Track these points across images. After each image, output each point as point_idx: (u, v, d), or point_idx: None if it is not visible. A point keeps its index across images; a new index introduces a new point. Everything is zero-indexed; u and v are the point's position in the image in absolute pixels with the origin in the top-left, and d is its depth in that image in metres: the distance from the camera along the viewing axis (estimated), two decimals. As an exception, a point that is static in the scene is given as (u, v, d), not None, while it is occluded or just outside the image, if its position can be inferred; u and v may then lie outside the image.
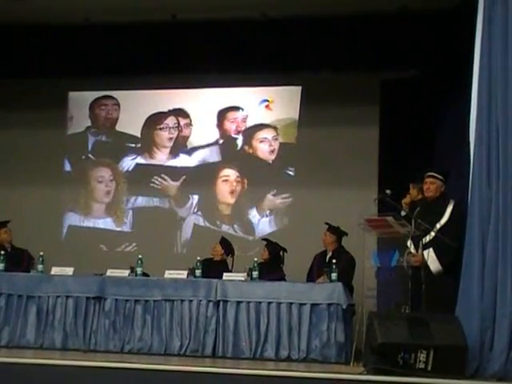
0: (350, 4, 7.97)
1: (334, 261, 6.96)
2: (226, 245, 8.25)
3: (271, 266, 7.72)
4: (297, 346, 6.58)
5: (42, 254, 7.30)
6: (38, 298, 7.02)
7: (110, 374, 5.50)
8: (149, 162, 9.85)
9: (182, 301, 6.85)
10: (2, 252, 7.39)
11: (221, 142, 9.78)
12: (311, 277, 7.56)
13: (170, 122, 9.88)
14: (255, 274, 6.95)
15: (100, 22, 8.65)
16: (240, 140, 9.73)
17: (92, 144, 10.06)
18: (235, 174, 9.63)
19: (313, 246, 7.90)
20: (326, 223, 7.75)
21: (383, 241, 6.72)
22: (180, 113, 9.86)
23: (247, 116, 9.71)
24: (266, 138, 9.65)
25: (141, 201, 9.82)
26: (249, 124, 9.71)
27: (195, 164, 9.76)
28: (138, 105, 9.94)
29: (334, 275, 6.79)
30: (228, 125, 9.77)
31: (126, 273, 7.15)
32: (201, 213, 9.67)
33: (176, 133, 9.87)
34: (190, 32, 8.63)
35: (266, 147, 9.64)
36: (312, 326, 6.60)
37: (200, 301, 6.82)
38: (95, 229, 9.83)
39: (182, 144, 9.85)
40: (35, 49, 8.99)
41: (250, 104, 9.72)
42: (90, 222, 9.85)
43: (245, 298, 6.77)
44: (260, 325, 6.68)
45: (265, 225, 9.48)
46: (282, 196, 9.47)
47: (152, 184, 9.77)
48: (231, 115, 9.77)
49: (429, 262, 6.25)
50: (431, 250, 6.27)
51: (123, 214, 9.79)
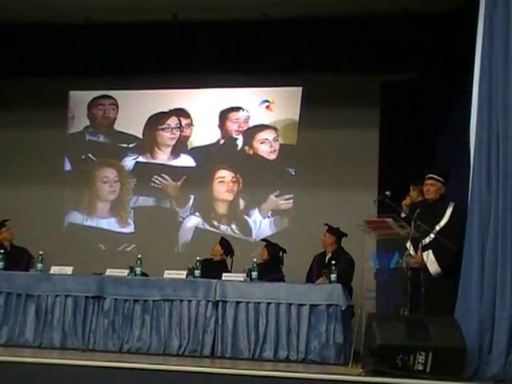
0: (352, 5, 7.98)
1: (333, 262, 6.95)
2: (226, 245, 8.25)
3: (270, 266, 7.71)
4: (295, 347, 6.57)
5: (41, 253, 7.30)
6: (37, 297, 7.01)
7: (108, 373, 5.51)
8: (150, 162, 9.85)
9: (181, 301, 6.84)
10: (2, 251, 7.39)
11: (222, 142, 9.78)
12: (310, 278, 7.56)
13: (172, 122, 9.87)
14: (254, 274, 6.94)
15: (101, 21, 8.66)
16: (240, 141, 9.73)
17: (91, 144, 10.06)
18: (234, 174, 9.61)
19: (312, 247, 7.90)
20: (326, 224, 7.75)
21: (383, 242, 6.72)
22: (181, 113, 9.86)
23: (249, 117, 9.71)
24: (266, 139, 9.64)
25: (141, 201, 9.81)
26: (249, 125, 9.71)
27: (196, 164, 9.76)
28: (140, 105, 9.92)
29: (334, 276, 6.78)
30: (230, 125, 9.76)
31: (125, 272, 7.15)
32: (201, 213, 9.66)
33: (178, 133, 9.87)
34: (190, 32, 8.63)
35: (266, 148, 9.63)
36: (311, 327, 6.59)
37: (199, 301, 6.81)
38: (97, 228, 9.82)
39: (183, 144, 9.85)
40: (36, 48, 9.01)
41: (251, 104, 9.71)
42: (93, 222, 9.85)
43: (244, 298, 6.76)
44: (259, 325, 6.68)
45: (264, 226, 9.47)
46: (283, 197, 9.46)
47: (152, 184, 9.77)
48: (233, 115, 9.76)
49: (428, 264, 6.25)
50: (430, 251, 6.28)
51: (127, 215, 9.79)
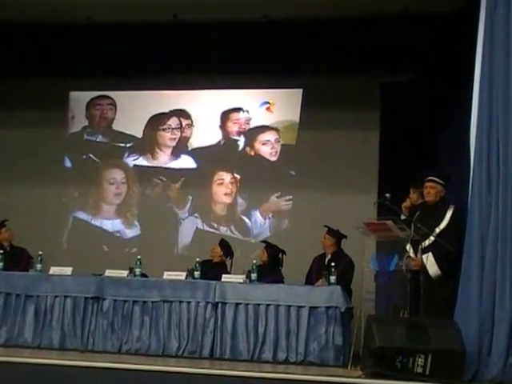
0: (352, 7, 7.98)
1: (332, 264, 6.94)
2: (225, 246, 8.24)
3: (270, 268, 7.71)
4: (295, 349, 6.57)
5: (40, 253, 7.29)
6: (36, 298, 7.00)
7: (107, 374, 5.51)
8: (150, 163, 9.85)
9: (181, 302, 6.83)
10: (1, 251, 7.39)
11: (222, 142, 9.77)
12: (310, 279, 7.54)
13: (173, 122, 9.87)
14: (254, 276, 6.93)
15: (102, 21, 8.65)
16: (241, 142, 9.72)
17: (91, 144, 10.05)
18: (234, 175, 9.61)
19: (312, 249, 7.89)
20: (326, 226, 7.74)
21: (382, 244, 6.72)
22: (181, 114, 9.85)
23: (250, 118, 9.70)
24: (268, 141, 9.63)
25: (141, 202, 9.81)
26: (250, 126, 9.69)
27: (196, 165, 9.75)
28: (140, 105, 9.92)
29: (333, 278, 6.77)
30: (230, 126, 9.75)
31: (124, 273, 7.14)
32: (201, 214, 9.65)
33: (178, 134, 9.86)
34: (191, 32, 8.63)
35: (268, 149, 9.62)
36: (310, 329, 6.59)
37: (198, 302, 6.80)
38: (100, 229, 9.81)
39: (183, 145, 9.84)
40: (37, 48, 9.02)
41: (251, 106, 9.71)
42: (97, 222, 9.84)
43: (243, 300, 6.76)
44: (258, 327, 6.67)
45: (264, 227, 9.47)
46: (284, 198, 9.46)
47: (152, 185, 9.76)
48: (234, 116, 9.75)
49: (428, 266, 6.23)
50: (430, 254, 6.26)
51: (134, 217, 9.77)
